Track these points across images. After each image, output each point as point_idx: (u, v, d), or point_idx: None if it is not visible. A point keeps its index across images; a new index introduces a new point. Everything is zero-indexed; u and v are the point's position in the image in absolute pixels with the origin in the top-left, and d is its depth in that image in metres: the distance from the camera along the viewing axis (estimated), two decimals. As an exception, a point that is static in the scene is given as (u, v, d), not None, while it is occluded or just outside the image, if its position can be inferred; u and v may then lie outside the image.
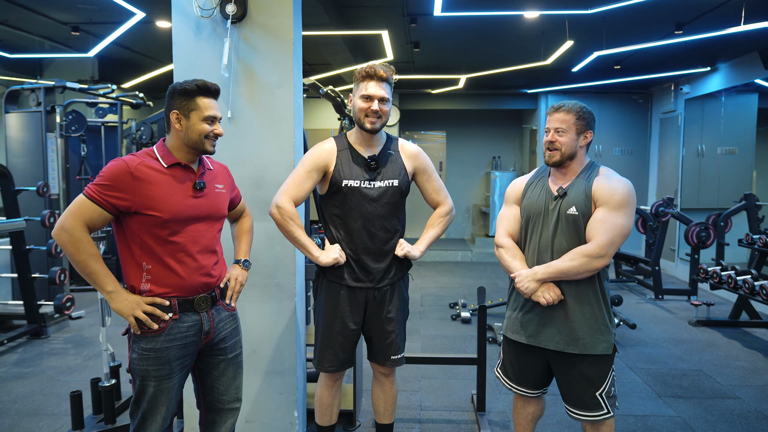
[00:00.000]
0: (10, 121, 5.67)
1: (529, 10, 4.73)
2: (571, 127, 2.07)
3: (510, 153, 10.67)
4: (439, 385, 3.70)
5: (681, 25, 5.00)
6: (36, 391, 3.56)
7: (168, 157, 1.86)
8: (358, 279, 2.28)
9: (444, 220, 2.44)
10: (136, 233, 1.80)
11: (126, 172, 1.75)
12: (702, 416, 3.26)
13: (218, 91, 1.93)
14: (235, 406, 2.08)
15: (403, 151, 2.37)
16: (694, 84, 7.29)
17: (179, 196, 1.83)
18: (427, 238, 2.42)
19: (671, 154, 7.95)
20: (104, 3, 4.67)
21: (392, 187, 2.28)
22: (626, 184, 2.04)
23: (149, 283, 1.81)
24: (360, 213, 2.25)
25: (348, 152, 2.29)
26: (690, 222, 5.83)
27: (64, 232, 1.71)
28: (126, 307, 1.77)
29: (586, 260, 1.98)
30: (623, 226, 2.00)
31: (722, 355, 4.32)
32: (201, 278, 1.89)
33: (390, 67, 2.26)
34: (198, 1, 2.51)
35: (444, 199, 2.45)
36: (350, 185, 2.24)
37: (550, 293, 2.05)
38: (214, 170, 2.02)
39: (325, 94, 4.01)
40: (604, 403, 2.08)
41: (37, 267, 4.91)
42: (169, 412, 1.89)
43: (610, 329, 2.07)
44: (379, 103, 2.20)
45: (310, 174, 2.25)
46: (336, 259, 2.23)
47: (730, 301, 5.81)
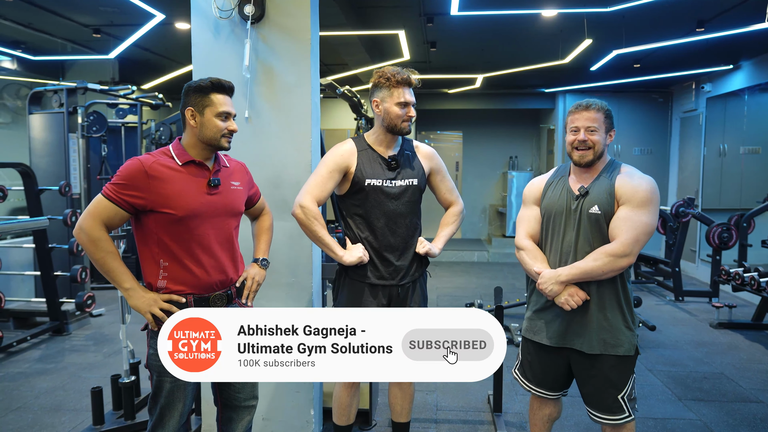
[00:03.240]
0: (33, 122, 5.78)
1: (547, 8, 4.69)
2: (601, 125, 2.04)
3: (527, 153, 10.59)
4: (455, 385, 3.68)
5: (703, 22, 4.91)
6: (58, 386, 3.63)
7: (183, 155, 1.88)
8: (381, 277, 2.32)
9: (458, 219, 2.51)
10: (153, 231, 1.83)
11: (141, 171, 1.78)
12: (724, 420, 3.21)
13: (232, 89, 1.95)
14: (252, 404, 2.10)
15: (419, 152, 2.44)
16: (716, 82, 7.16)
17: (194, 194, 1.85)
18: (444, 236, 2.47)
19: (692, 154, 7.82)
20: (125, 5, 4.74)
21: (412, 185, 2.34)
22: (649, 181, 2.01)
23: (166, 280, 1.85)
24: (382, 211, 2.30)
25: (368, 152, 2.34)
26: (711, 222, 5.73)
27: (83, 232, 1.76)
28: (143, 304, 1.80)
29: (611, 260, 1.94)
30: (647, 223, 1.96)
31: (744, 358, 4.24)
32: (217, 276, 1.92)
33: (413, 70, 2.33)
34: (217, 2, 2.54)
35: (456, 199, 2.52)
36: (373, 184, 2.29)
37: (574, 299, 2.01)
38: (231, 167, 2.04)
39: (342, 94, 4.03)
40: (625, 405, 2.04)
41: (59, 265, 5.00)
42: (186, 408, 1.92)
43: (633, 330, 2.04)
44: (412, 108, 2.31)
45: (332, 174, 2.30)
46: (360, 258, 2.27)
47: (753, 303, 5.70)
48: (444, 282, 7.18)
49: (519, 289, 6.76)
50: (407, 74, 2.27)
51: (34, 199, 4.69)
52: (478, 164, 10.58)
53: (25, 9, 4.87)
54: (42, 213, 4.73)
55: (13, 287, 5.30)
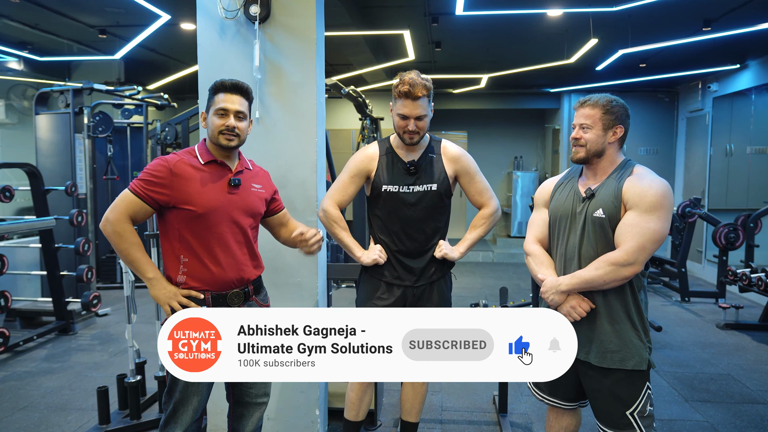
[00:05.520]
0: (40, 123, 5.81)
1: (553, 8, 4.68)
2: (596, 122, 1.92)
3: (532, 153, 10.57)
4: (461, 386, 3.68)
5: (709, 21, 4.89)
6: (64, 386, 3.64)
7: (206, 154, 1.97)
8: (398, 277, 2.35)
9: (488, 222, 2.43)
10: (175, 227, 1.90)
11: (166, 168, 1.87)
12: (731, 421, 3.19)
13: (236, 86, 1.95)
14: (263, 401, 2.13)
15: (444, 154, 2.38)
16: (723, 82, 7.13)
17: (214, 192, 1.92)
18: (468, 240, 2.42)
19: (698, 154, 7.78)
20: (130, 6, 4.76)
21: (431, 191, 2.31)
22: (661, 183, 1.85)
23: (185, 275, 1.91)
24: (398, 217, 2.31)
25: (389, 157, 2.34)
26: (718, 223, 5.69)
27: (109, 223, 1.84)
28: (164, 295, 1.86)
29: (613, 268, 1.81)
30: (655, 230, 1.80)
31: (752, 359, 4.21)
32: (233, 274, 1.96)
33: (426, 79, 2.24)
34: (222, 3, 2.54)
35: (488, 201, 2.44)
36: (389, 190, 2.30)
37: (577, 310, 1.90)
38: (254, 171, 2.11)
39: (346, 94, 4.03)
40: (636, 423, 1.88)
41: (66, 265, 5.02)
42: (201, 404, 1.94)
43: (645, 343, 1.90)
44: (416, 122, 2.23)
45: (353, 179, 2.36)
46: (375, 259, 2.32)
47: (760, 304, 5.66)
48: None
49: (524, 289, 6.74)
50: (411, 88, 2.16)
51: (40, 199, 4.71)
52: (482, 164, 10.36)
53: (32, 10, 4.89)
54: (48, 213, 4.75)
55: (20, 287, 5.33)
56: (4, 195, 4.40)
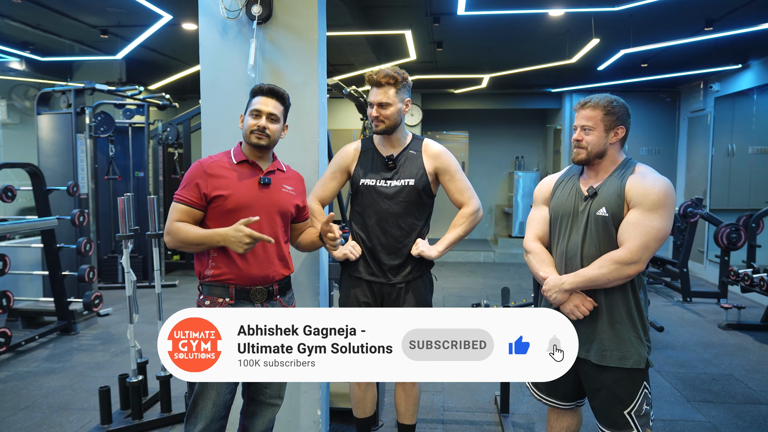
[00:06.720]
0: (41, 123, 5.81)
1: (554, 8, 4.68)
2: (598, 123, 1.92)
3: (533, 153, 10.56)
4: (462, 386, 3.68)
5: (711, 21, 4.88)
6: (66, 386, 3.65)
7: (239, 155, 2.06)
8: (373, 273, 2.36)
9: (468, 221, 2.38)
10: (206, 223, 1.99)
11: (201, 170, 1.99)
12: (733, 422, 3.18)
13: (271, 90, 2.05)
14: (276, 403, 2.15)
15: (425, 151, 2.39)
16: (725, 82, 7.11)
17: (244, 188, 2.00)
18: (447, 239, 2.39)
19: (700, 154, 7.77)
20: (132, 6, 4.77)
21: (408, 186, 2.32)
22: (663, 182, 1.86)
23: (213, 269, 1.98)
24: (375, 210, 2.34)
25: (369, 153, 2.40)
26: (720, 223, 5.69)
27: (168, 235, 1.97)
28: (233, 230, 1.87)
29: (617, 267, 1.82)
30: (659, 229, 1.82)
31: (754, 360, 4.21)
32: (258, 270, 2.00)
33: (398, 71, 2.29)
34: (224, 3, 2.54)
35: (468, 200, 2.40)
36: (366, 184, 2.35)
37: (580, 309, 1.91)
38: (287, 173, 2.18)
39: (348, 94, 4.03)
40: (633, 422, 1.90)
41: (67, 265, 5.03)
42: (221, 398, 1.95)
43: (643, 342, 1.91)
44: (378, 108, 2.28)
45: (334, 174, 2.43)
46: (346, 254, 2.34)
47: (762, 304, 5.66)
48: (450, 282, 7.17)
49: (526, 289, 6.73)
50: (373, 74, 2.28)
51: (42, 199, 4.72)
52: (484, 164, 10.56)
53: (33, 10, 4.90)
54: (50, 213, 4.75)
55: (22, 287, 5.33)
56: (6, 195, 4.41)
